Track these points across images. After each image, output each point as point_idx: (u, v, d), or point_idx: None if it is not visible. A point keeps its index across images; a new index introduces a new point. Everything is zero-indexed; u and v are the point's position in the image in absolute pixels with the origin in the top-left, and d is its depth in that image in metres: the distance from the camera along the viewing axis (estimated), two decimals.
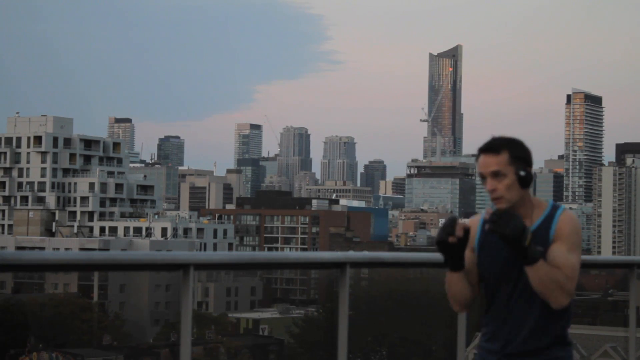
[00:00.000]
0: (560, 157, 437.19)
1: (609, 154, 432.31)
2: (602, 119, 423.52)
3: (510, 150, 4.51)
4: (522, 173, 4.49)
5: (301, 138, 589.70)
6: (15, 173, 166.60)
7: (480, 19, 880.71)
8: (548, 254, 4.45)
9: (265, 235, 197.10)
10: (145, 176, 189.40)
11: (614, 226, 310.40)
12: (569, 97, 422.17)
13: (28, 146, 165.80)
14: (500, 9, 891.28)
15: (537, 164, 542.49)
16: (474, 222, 4.67)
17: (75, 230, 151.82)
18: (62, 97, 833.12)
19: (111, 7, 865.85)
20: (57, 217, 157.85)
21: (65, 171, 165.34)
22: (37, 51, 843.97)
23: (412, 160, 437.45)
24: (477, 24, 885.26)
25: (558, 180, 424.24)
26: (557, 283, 4.40)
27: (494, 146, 4.51)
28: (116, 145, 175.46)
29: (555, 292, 4.41)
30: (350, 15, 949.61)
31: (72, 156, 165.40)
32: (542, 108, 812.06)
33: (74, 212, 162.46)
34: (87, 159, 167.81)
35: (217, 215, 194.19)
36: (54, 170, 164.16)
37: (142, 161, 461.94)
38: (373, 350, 78.34)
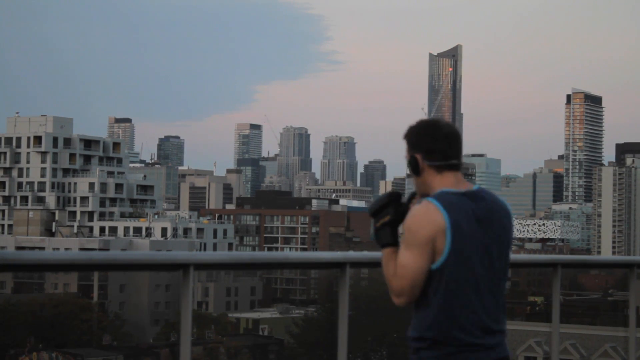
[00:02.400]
0: (560, 157, 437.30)
1: (609, 154, 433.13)
2: (602, 119, 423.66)
3: (407, 140, 4.34)
4: (407, 161, 4.33)
5: (301, 138, 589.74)
6: (15, 173, 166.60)
7: (480, 19, 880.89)
8: None
9: (265, 235, 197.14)
10: (145, 176, 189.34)
11: (614, 226, 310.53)
12: (568, 97, 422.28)
13: (28, 146, 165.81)
14: (500, 9, 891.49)
15: (537, 164, 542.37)
16: None
17: (75, 230, 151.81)
18: (62, 97, 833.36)
19: (111, 7, 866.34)
20: (57, 217, 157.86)
21: (65, 171, 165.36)
22: (38, 51, 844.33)
23: None
24: (477, 24, 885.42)
25: (558, 180, 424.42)
26: (387, 278, 4.23)
27: (403, 137, 4.39)
28: (116, 145, 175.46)
29: (388, 287, 4.24)
30: (351, 15, 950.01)
31: (72, 156, 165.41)
32: (542, 108, 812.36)
33: (74, 212, 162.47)
34: (87, 159, 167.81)
35: (217, 215, 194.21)
36: (54, 170, 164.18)
37: (142, 161, 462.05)
38: (373, 350, 78.39)
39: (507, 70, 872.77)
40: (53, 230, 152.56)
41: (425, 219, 4.19)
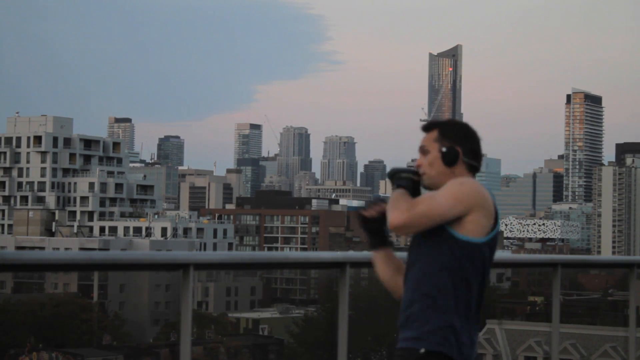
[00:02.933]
0: (560, 157, 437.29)
1: (609, 153, 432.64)
2: (602, 119, 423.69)
3: (441, 129, 4.52)
4: (444, 149, 4.46)
5: (301, 138, 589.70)
6: (15, 173, 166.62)
7: (480, 19, 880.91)
8: None
9: (265, 235, 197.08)
10: (145, 176, 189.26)
11: (613, 226, 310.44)
12: (568, 96, 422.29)
13: (28, 146, 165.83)
14: (500, 8, 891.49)
15: (537, 163, 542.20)
16: None
17: (75, 230, 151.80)
18: (62, 96, 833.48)
19: (111, 7, 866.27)
20: (57, 217, 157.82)
21: (65, 171, 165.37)
22: (38, 51, 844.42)
23: (412, 160, 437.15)
24: (477, 24, 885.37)
25: (558, 180, 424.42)
26: (395, 202, 4.34)
27: (428, 125, 4.58)
28: (116, 145, 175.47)
29: (389, 208, 4.35)
30: (351, 15, 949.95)
31: (72, 156, 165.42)
32: (542, 108, 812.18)
33: (74, 212, 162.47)
34: (87, 158, 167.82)
35: (217, 215, 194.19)
36: (54, 170, 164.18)
37: (142, 161, 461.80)
38: (373, 350, 78.39)
39: (507, 70, 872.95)
40: (53, 230, 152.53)
41: (479, 190, 4.37)
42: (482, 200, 4.35)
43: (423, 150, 4.53)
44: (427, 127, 4.55)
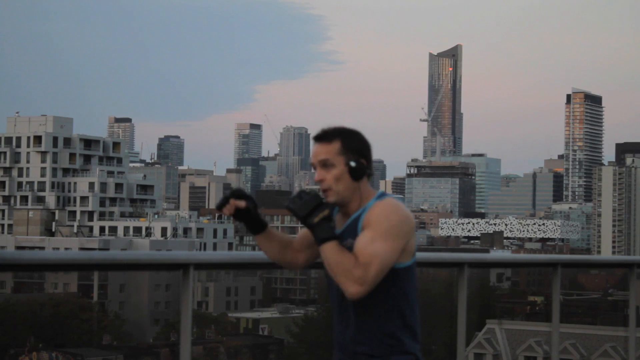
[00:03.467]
0: (560, 156, 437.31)
1: (609, 153, 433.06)
2: (602, 119, 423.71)
3: (343, 140, 4.22)
4: (352, 164, 4.18)
5: (301, 138, 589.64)
6: (15, 173, 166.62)
7: (480, 18, 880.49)
8: (354, 244, 4.14)
9: None
10: (145, 176, 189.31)
11: (613, 226, 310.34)
12: (568, 96, 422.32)
13: (28, 146, 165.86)
14: (500, 8, 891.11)
15: (537, 163, 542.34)
16: None
17: (75, 230, 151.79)
18: (63, 96, 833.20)
19: (112, 7, 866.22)
20: (57, 217, 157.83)
21: (65, 171, 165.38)
22: (38, 51, 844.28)
23: (412, 160, 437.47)
24: (477, 24, 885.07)
25: (558, 180, 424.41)
26: (343, 268, 4.06)
27: (326, 135, 4.24)
28: (116, 145, 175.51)
29: (341, 277, 4.06)
30: (351, 15, 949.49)
31: (72, 156, 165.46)
32: (542, 108, 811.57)
33: (74, 212, 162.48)
34: (87, 158, 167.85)
35: (217, 215, 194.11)
36: (54, 170, 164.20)
37: (142, 161, 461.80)
38: None
39: (507, 70, 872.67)
40: (53, 230, 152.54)
41: (407, 215, 4.16)
42: (412, 224, 4.17)
43: (325, 164, 4.22)
44: (327, 137, 4.25)
